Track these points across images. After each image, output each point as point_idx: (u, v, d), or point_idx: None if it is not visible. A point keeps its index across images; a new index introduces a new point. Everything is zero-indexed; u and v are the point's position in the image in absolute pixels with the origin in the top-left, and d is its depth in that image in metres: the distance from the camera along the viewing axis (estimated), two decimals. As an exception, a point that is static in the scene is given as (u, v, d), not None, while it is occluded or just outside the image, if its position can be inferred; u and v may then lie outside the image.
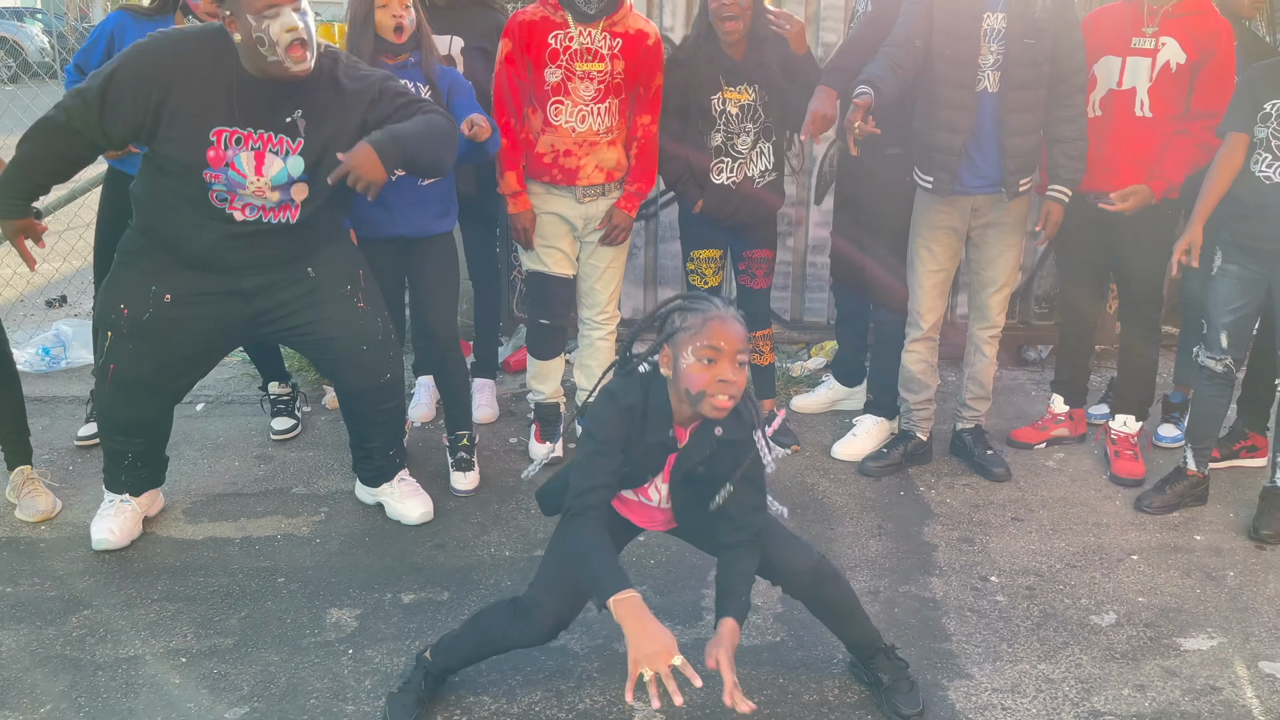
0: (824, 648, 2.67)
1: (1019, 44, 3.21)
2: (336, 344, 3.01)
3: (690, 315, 2.16)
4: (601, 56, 3.32)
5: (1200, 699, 2.49)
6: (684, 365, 2.13)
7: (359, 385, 3.09)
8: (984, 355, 3.65)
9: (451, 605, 2.83)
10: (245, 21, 2.59)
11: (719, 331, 2.11)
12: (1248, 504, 3.37)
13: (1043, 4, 3.20)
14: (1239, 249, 3.15)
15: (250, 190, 2.75)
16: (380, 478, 3.27)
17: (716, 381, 2.10)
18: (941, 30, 3.22)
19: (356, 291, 3.02)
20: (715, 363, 2.11)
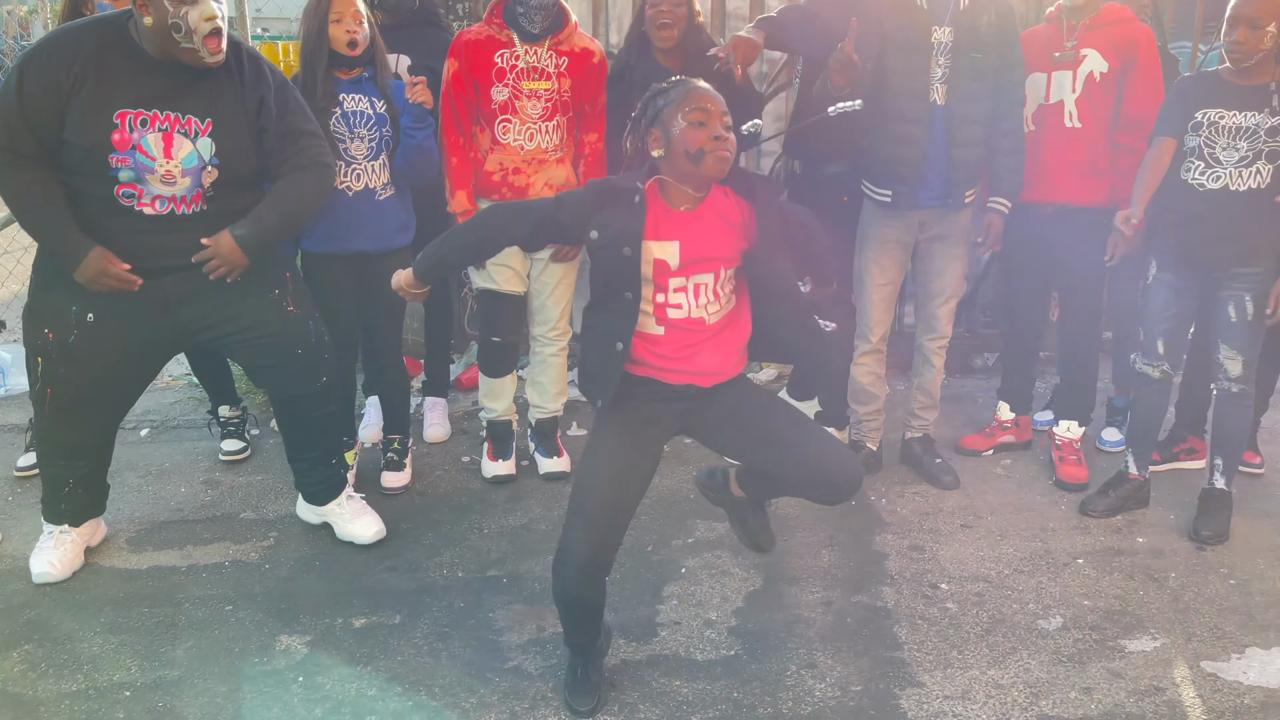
0: (777, 660, 2.69)
1: (966, 57, 3.28)
2: (270, 349, 2.98)
3: (670, 92, 2.28)
4: (548, 75, 3.33)
5: (1145, 700, 2.55)
6: (676, 132, 2.22)
7: (296, 390, 3.06)
8: (932, 365, 3.70)
9: (404, 629, 2.80)
10: (161, 6, 2.58)
11: (703, 96, 2.24)
12: (1188, 506, 3.45)
13: (987, 19, 3.28)
14: (1173, 257, 3.23)
15: (160, 174, 2.71)
16: (327, 493, 3.23)
17: (712, 139, 2.20)
18: (893, 43, 3.28)
19: (285, 296, 3.00)
20: (706, 124, 2.21)
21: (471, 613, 2.89)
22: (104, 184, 2.71)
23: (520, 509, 3.49)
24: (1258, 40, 2.94)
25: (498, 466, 3.68)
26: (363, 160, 3.26)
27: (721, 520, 3.39)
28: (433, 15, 3.79)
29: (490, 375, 3.69)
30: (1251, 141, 3.02)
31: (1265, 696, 2.55)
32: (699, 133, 2.20)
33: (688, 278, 2.31)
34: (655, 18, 3.36)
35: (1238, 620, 2.87)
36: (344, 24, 3.13)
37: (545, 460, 3.72)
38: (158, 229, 2.78)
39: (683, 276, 2.31)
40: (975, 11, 3.28)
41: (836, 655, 2.71)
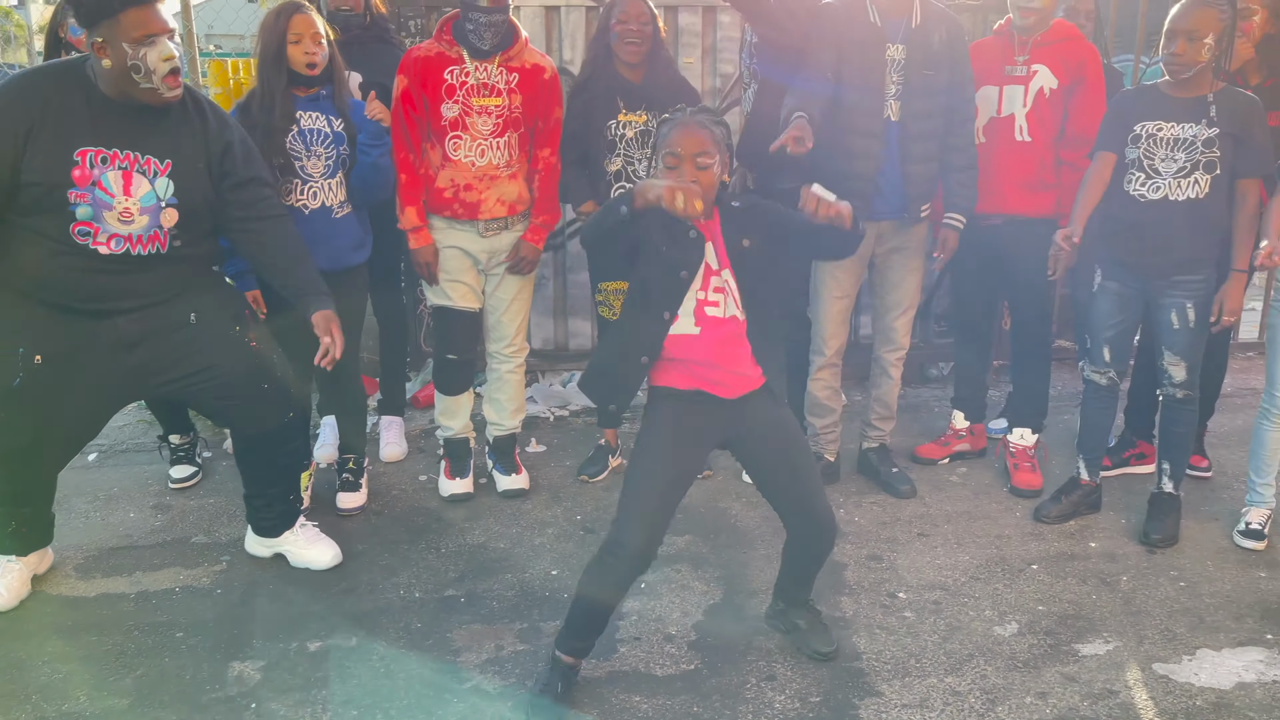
0: (737, 673, 2.69)
1: (919, 75, 3.33)
2: (233, 386, 2.93)
3: (664, 125, 2.44)
4: (498, 91, 3.33)
5: (1099, 703, 2.58)
6: (660, 173, 2.40)
7: (265, 426, 3.01)
8: (890, 377, 3.73)
9: (360, 651, 2.77)
10: (120, 49, 2.58)
11: (679, 137, 2.37)
12: (1139, 510, 3.51)
13: (939, 37, 3.34)
14: (1117, 265, 3.29)
15: (118, 211, 2.68)
16: (281, 525, 3.18)
17: (671, 188, 2.24)
18: (849, 61, 3.32)
19: (245, 332, 2.96)
20: (677, 168, 2.36)
21: (429, 633, 2.86)
22: (61, 221, 2.66)
23: (478, 527, 3.47)
24: (1195, 53, 3.01)
25: (455, 485, 3.65)
26: (319, 178, 3.23)
27: (681, 534, 3.40)
28: (384, 32, 3.78)
29: (446, 393, 3.67)
30: (1189, 153, 3.09)
31: (1216, 698, 2.59)
32: (670, 176, 2.35)
33: (722, 274, 2.46)
34: (624, 35, 3.39)
35: (1188, 622, 2.92)
36: (303, 45, 3.11)
37: (504, 478, 3.70)
38: (112, 269, 2.73)
39: (720, 274, 2.46)
40: (927, 30, 3.34)
41: (796, 667, 2.71)
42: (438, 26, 3.38)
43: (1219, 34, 3.00)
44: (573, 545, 3.35)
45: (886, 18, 3.34)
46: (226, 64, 4.36)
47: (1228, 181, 3.09)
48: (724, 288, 2.46)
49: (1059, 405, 4.40)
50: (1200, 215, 3.10)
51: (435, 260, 3.46)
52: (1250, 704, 2.56)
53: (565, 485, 3.80)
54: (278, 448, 3.07)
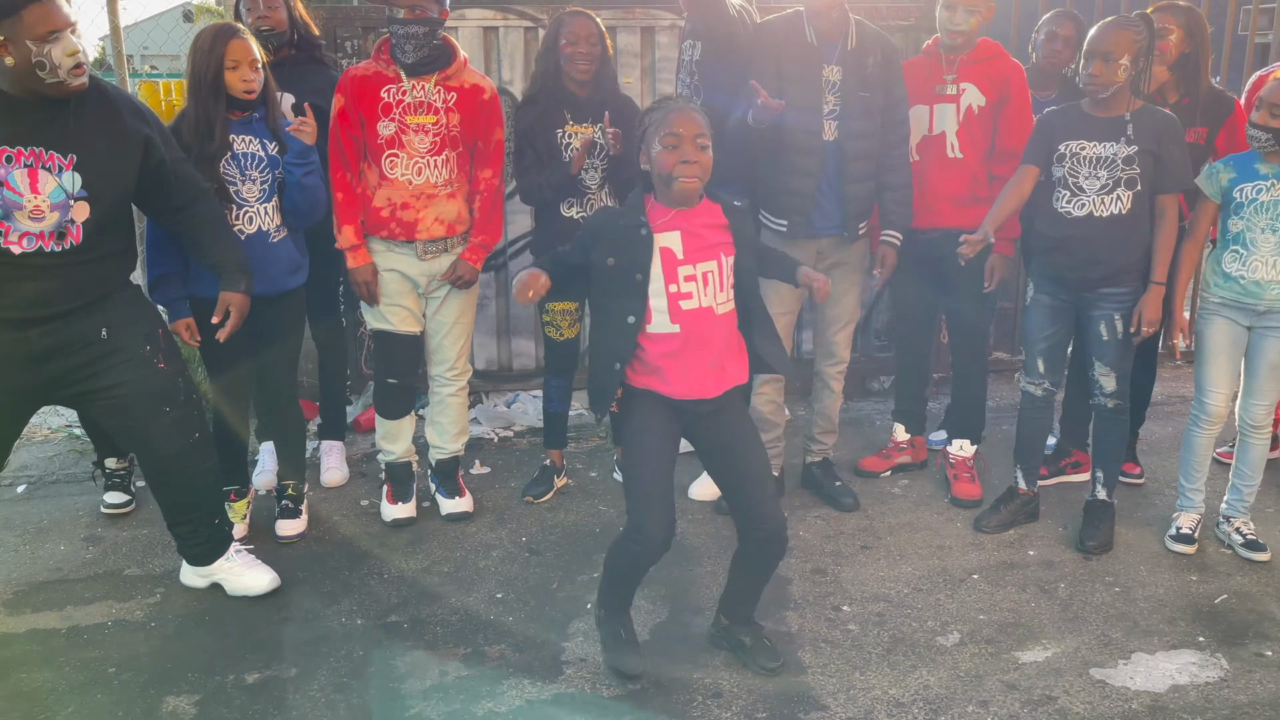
0: (683, 691, 2.68)
1: (854, 96, 3.39)
2: (138, 409, 2.86)
3: (654, 113, 2.55)
4: (435, 109, 3.32)
5: (1038, 709, 2.62)
6: (655, 154, 2.50)
7: (169, 449, 2.93)
8: (831, 390, 3.77)
9: (300, 681, 2.71)
10: (24, 47, 2.53)
11: (677, 119, 2.49)
12: (1075, 517, 3.58)
13: (873, 60, 3.40)
14: (1048, 279, 3.37)
15: (28, 210, 2.63)
16: (213, 552, 3.11)
17: (680, 163, 2.46)
18: (789, 79, 3.37)
19: (156, 352, 2.90)
20: (678, 147, 2.47)
21: (371, 661, 2.81)
22: None
23: (422, 551, 3.43)
24: (1111, 74, 3.10)
25: (398, 509, 3.61)
26: (254, 202, 3.19)
27: (626, 553, 3.39)
28: (315, 52, 3.74)
29: (387, 417, 3.62)
30: (1111, 170, 3.17)
31: (1151, 701, 2.65)
32: (670, 156, 2.48)
33: (695, 265, 2.55)
34: (574, 56, 3.41)
35: (1124, 627, 2.98)
36: (240, 71, 3.07)
37: (447, 501, 3.67)
38: (26, 271, 2.66)
39: (690, 265, 2.55)
40: (862, 52, 3.40)
41: (741, 682, 2.72)
42: (376, 46, 3.37)
43: (1135, 55, 3.10)
44: (518, 567, 3.32)
45: (823, 39, 3.39)
46: (158, 85, 4.29)
47: (1149, 197, 3.19)
48: (695, 277, 2.55)
49: (998, 416, 4.48)
50: (1124, 230, 3.19)
51: (374, 279, 3.43)
52: (1184, 706, 2.62)
53: (510, 507, 3.77)
54: (186, 470, 2.98)
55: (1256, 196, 3.16)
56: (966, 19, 3.47)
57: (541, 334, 3.83)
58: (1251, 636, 2.92)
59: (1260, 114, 3.10)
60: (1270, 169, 3.16)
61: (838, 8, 3.37)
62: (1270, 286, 3.17)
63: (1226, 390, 3.31)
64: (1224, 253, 3.25)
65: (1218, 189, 3.25)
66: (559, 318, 3.67)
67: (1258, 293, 3.19)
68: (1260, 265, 3.17)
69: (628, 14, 4.45)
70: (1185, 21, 3.52)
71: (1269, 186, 3.15)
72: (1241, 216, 3.20)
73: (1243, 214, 3.19)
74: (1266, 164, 3.16)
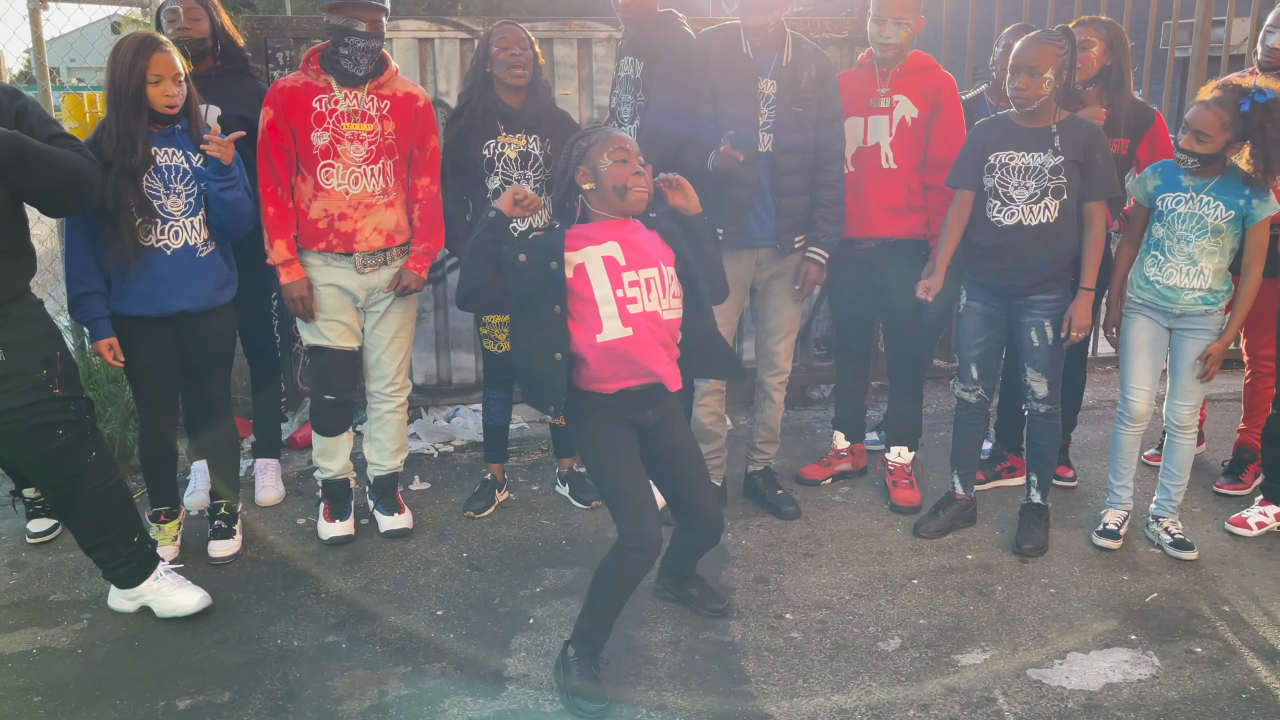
0: (628, 705, 2.67)
1: (788, 111, 3.42)
2: (31, 433, 2.76)
3: (591, 135, 2.71)
4: (369, 117, 3.29)
5: (977, 711, 2.65)
6: (604, 168, 2.64)
7: (66, 472, 2.83)
8: (772, 400, 3.79)
9: (233, 706, 2.64)
10: None
11: (623, 139, 2.68)
12: (1011, 521, 3.64)
13: (807, 75, 3.44)
14: (980, 287, 3.43)
15: None
16: (138, 573, 3.02)
17: (633, 175, 2.64)
18: (725, 92, 3.39)
19: (53, 376, 2.80)
20: (627, 162, 2.64)
21: (308, 683, 2.75)
22: None
23: (360, 570, 3.37)
24: (1037, 87, 3.18)
25: (335, 527, 3.54)
26: (180, 216, 3.12)
27: (570, 566, 3.37)
28: (241, 63, 3.67)
29: (324, 434, 3.56)
30: (1039, 180, 3.25)
31: (1086, 699, 2.69)
32: (622, 169, 2.63)
33: (637, 271, 2.66)
34: (508, 60, 3.39)
35: (1059, 627, 3.03)
36: (163, 86, 3.00)
37: (385, 518, 3.61)
38: None
39: (633, 270, 2.65)
40: (796, 67, 3.43)
41: (686, 694, 2.71)
42: (304, 58, 3.32)
43: (1058, 68, 3.18)
44: (459, 584, 3.28)
45: (759, 51, 3.43)
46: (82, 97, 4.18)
47: (1076, 205, 3.27)
48: (639, 282, 2.65)
49: (934, 423, 4.55)
50: (1052, 238, 3.26)
51: (310, 294, 3.37)
52: (1118, 704, 2.67)
53: (451, 522, 3.72)
54: (88, 488, 2.88)
55: (1175, 207, 3.27)
56: (896, 31, 3.52)
57: (480, 347, 3.80)
58: (1181, 634, 2.99)
59: (1185, 138, 3.20)
60: (1192, 182, 3.26)
61: (773, 23, 3.40)
62: (1184, 292, 3.28)
63: (1149, 388, 3.41)
64: (1145, 256, 3.36)
65: (1145, 194, 3.35)
66: (497, 330, 3.65)
67: (1173, 297, 3.30)
68: (1175, 272, 3.28)
69: (564, 26, 4.45)
70: (1107, 35, 3.62)
71: (1188, 199, 3.25)
72: (1162, 224, 3.30)
73: (1163, 221, 3.30)
74: (1189, 177, 3.27)
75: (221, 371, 3.36)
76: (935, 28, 5.20)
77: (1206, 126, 3.13)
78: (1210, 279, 3.26)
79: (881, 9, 3.51)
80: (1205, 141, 3.15)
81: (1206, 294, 3.28)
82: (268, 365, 3.89)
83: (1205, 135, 3.14)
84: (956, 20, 5.45)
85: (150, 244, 3.08)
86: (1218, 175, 3.23)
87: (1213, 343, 3.29)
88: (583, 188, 2.68)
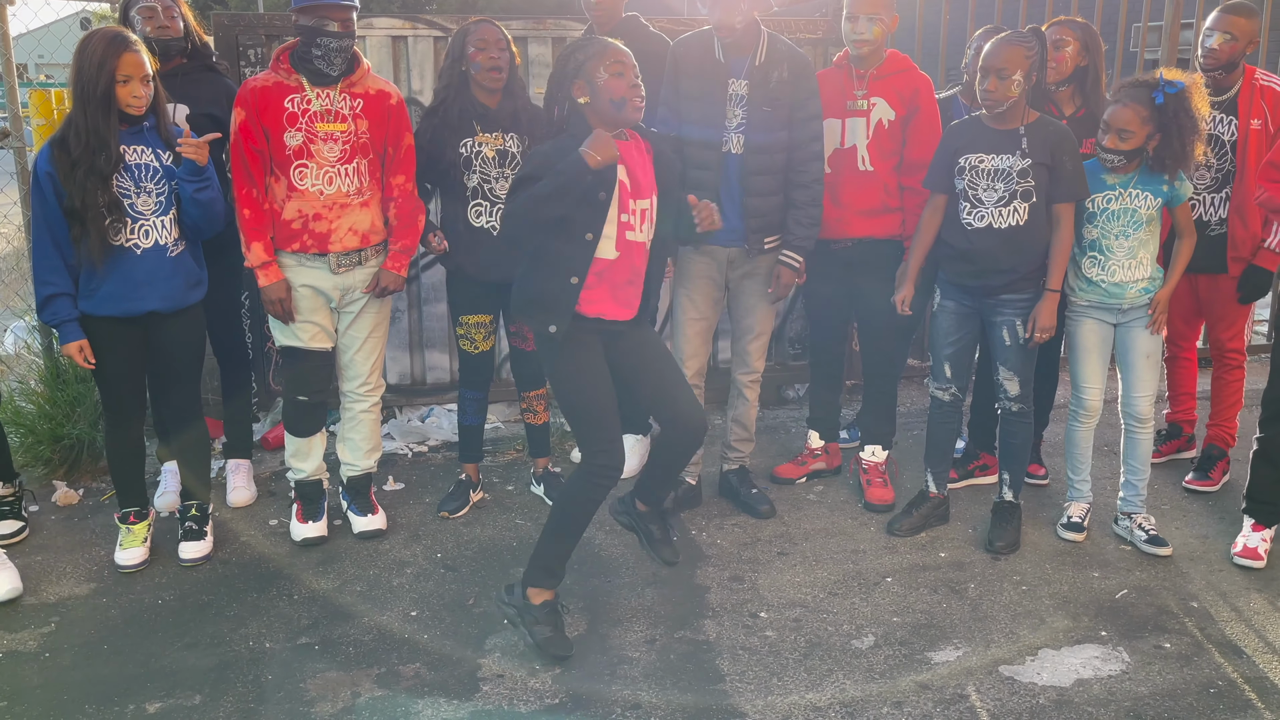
0: (602, 705, 2.66)
1: (758, 111, 3.42)
2: None
3: (589, 48, 2.69)
4: (343, 117, 3.26)
5: (950, 708, 2.66)
6: (600, 82, 2.64)
7: None
8: (746, 399, 3.80)
9: (204, 710, 2.62)
10: None
11: (620, 52, 2.68)
12: (984, 519, 3.67)
13: (778, 75, 3.43)
14: (953, 287, 3.46)
15: None
16: None
17: (630, 87, 2.65)
18: (689, 96, 3.40)
19: None
20: (624, 75, 2.64)
21: (280, 685, 2.73)
22: None
23: (333, 571, 3.35)
24: (1006, 89, 3.20)
25: (308, 529, 3.51)
26: (151, 215, 3.08)
27: (543, 566, 3.36)
28: (208, 61, 3.63)
29: (297, 435, 3.53)
30: (1007, 183, 3.27)
31: (1058, 695, 2.72)
32: (619, 82, 2.64)
33: (636, 200, 2.72)
34: (486, 64, 3.38)
35: (1030, 624, 3.06)
36: (131, 87, 2.97)
37: (359, 519, 3.59)
38: None
39: (633, 199, 2.71)
40: (769, 67, 3.43)
41: (660, 694, 2.71)
42: (274, 56, 3.29)
43: (1027, 70, 3.20)
44: (433, 584, 3.26)
45: (731, 54, 3.43)
46: (50, 94, 4.13)
47: (1045, 207, 3.29)
48: (636, 211, 2.73)
49: (908, 422, 4.57)
50: (1022, 240, 3.29)
51: (289, 296, 3.34)
52: (1088, 699, 2.70)
53: (425, 523, 3.71)
54: None
55: (1107, 206, 3.34)
56: (870, 28, 3.53)
57: (455, 347, 3.78)
58: (1151, 630, 3.03)
59: (1110, 138, 3.27)
60: (1116, 179, 3.34)
61: (742, 21, 3.38)
62: (1129, 286, 3.36)
63: (1100, 385, 3.50)
64: (1083, 259, 3.41)
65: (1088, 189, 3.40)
66: (473, 330, 3.63)
67: (1119, 293, 3.37)
68: (1118, 269, 3.35)
69: (539, 25, 4.44)
70: (1082, 35, 3.66)
71: (1117, 196, 3.33)
72: (1095, 224, 3.37)
73: (1096, 222, 3.36)
74: (1112, 175, 3.34)
75: (191, 372, 3.33)
76: (909, 29, 5.24)
77: (1128, 124, 3.23)
78: (1149, 268, 3.37)
79: (854, 5, 3.53)
80: (1128, 138, 3.25)
81: (1148, 283, 3.38)
82: (238, 365, 3.86)
83: (1128, 132, 3.24)
84: (930, 22, 5.49)
85: (120, 243, 3.04)
86: (1137, 169, 3.32)
87: (1157, 293, 3.36)
88: (578, 101, 2.67)
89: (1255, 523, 3.43)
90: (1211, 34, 3.70)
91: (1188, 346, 4.10)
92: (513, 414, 4.68)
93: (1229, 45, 3.67)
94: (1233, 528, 3.59)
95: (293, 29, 3.28)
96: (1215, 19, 3.70)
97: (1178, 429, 4.24)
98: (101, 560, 3.38)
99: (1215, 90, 3.72)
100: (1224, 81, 3.74)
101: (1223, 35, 3.67)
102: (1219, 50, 3.68)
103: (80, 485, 3.94)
